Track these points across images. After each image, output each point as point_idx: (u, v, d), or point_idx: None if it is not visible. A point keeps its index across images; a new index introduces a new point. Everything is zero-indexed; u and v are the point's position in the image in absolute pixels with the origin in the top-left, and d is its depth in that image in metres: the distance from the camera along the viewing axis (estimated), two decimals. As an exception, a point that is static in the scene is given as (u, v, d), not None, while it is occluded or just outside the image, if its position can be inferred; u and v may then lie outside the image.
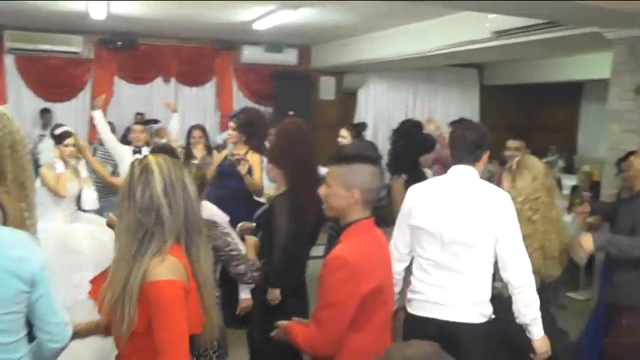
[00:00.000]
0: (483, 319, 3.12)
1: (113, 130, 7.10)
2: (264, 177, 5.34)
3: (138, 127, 6.70)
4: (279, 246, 3.95)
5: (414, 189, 3.31)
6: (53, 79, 9.98)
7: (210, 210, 3.97)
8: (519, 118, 11.86)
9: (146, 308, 2.11)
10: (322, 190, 2.70)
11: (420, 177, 4.96)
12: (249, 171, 5.28)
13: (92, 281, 2.47)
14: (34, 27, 9.41)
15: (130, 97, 10.40)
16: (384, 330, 2.65)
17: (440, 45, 7.68)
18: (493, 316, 3.17)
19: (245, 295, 4.02)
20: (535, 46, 6.94)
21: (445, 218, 3.11)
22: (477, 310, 3.11)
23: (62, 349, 2.33)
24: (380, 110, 11.70)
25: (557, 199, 3.74)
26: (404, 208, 3.27)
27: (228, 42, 10.54)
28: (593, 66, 9.75)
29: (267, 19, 7.99)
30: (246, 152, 5.54)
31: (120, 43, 9.97)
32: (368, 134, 11.34)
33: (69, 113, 9.95)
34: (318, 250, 5.42)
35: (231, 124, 5.69)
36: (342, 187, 2.58)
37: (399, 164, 5.06)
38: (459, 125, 3.42)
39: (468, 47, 7.31)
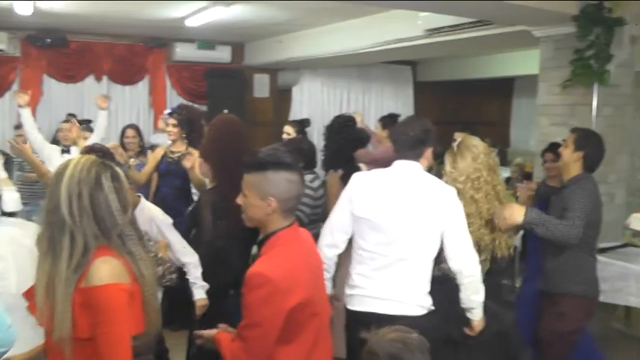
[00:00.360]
0: (423, 311, 3.16)
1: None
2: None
3: (66, 126, 6.54)
4: (203, 242, 3.95)
5: (359, 177, 3.29)
6: None
7: (151, 212, 3.92)
8: (454, 113, 12.01)
9: (89, 312, 2.07)
10: (239, 200, 2.55)
11: (356, 171, 5.00)
12: None
13: (25, 294, 2.40)
14: None
15: (60, 97, 10.03)
16: (318, 341, 2.54)
17: (373, 42, 7.73)
18: (432, 308, 3.20)
19: (199, 294, 3.90)
20: (466, 44, 7.06)
21: (391, 210, 3.11)
22: (416, 303, 3.14)
23: (4, 353, 2.28)
24: (314, 107, 11.70)
25: (500, 176, 3.80)
26: (347, 195, 3.22)
27: (160, 39, 10.33)
28: (524, 62, 10.00)
29: (200, 16, 7.87)
30: (186, 149, 5.47)
31: (49, 40, 9.58)
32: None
33: None
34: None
35: (172, 120, 5.56)
36: (257, 197, 2.43)
37: (334, 160, 5.08)
38: (402, 122, 3.42)
39: (400, 45, 7.38)
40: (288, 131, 6.07)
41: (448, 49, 8.04)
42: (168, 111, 6.08)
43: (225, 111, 8.23)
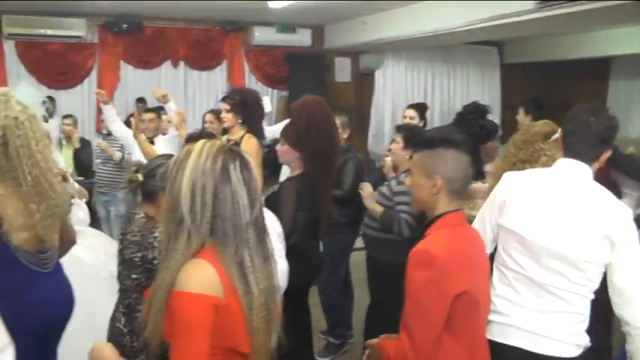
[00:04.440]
0: (579, 351, 2.57)
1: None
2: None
3: (148, 116, 6.22)
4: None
5: (511, 178, 2.70)
6: (55, 66, 9.41)
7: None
8: (544, 96, 11.29)
9: (169, 317, 1.79)
10: (407, 182, 2.50)
11: (477, 167, 4.45)
12: None
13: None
14: (33, 11, 8.85)
15: (136, 83, 9.91)
16: (480, 342, 2.37)
17: (469, 20, 7.09)
18: (589, 345, 2.59)
19: None
20: (580, 18, 6.37)
21: (548, 225, 2.51)
22: (573, 341, 2.55)
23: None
24: (398, 92, 11.20)
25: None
26: (495, 200, 2.68)
27: (237, 23, 10.01)
28: (624, 40, 9.30)
29: (284, -3, 7.49)
30: (243, 136, 5.06)
31: (125, 26, 9.44)
32: (386, 117, 10.91)
33: (74, 101, 9.47)
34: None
35: (225, 105, 5.18)
36: (423, 176, 2.37)
37: None
38: (584, 108, 2.69)
39: (503, 21, 6.71)
40: (412, 115, 5.59)
41: (558, 25, 7.31)
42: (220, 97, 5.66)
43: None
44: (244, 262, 1.84)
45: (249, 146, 4.92)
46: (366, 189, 4.34)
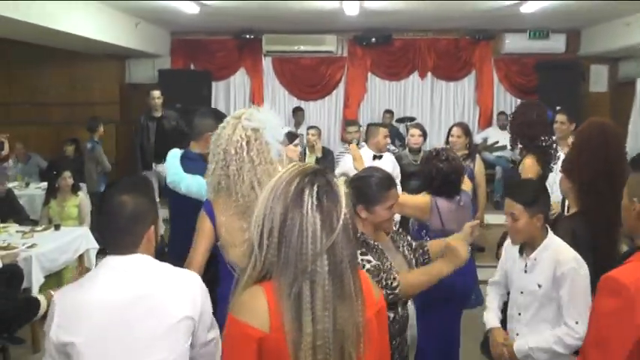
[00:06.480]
0: None
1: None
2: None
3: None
4: None
5: None
6: (306, 79, 10.19)
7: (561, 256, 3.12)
8: None
9: None
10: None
11: None
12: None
13: None
14: (288, 30, 9.66)
15: (382, 94, 10.23)
16: None
17: None
18: None
19: None
20: None
21: None
22: None
23: None
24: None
25: None
26: None
27: (487, 31, 9.80)
28: None
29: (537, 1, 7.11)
30: (525, 155, 4.62)
31: (374, 39, 9.76)
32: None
33: (322, 112, 10.10)
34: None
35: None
36: (627, 197, 2.18)
37: None
38: None
39: None
40: None
41: None
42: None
43: (558, 108, 7.43)
44: (302, 296, 1.66)
45: (524, 166, 4.41)
46: None
